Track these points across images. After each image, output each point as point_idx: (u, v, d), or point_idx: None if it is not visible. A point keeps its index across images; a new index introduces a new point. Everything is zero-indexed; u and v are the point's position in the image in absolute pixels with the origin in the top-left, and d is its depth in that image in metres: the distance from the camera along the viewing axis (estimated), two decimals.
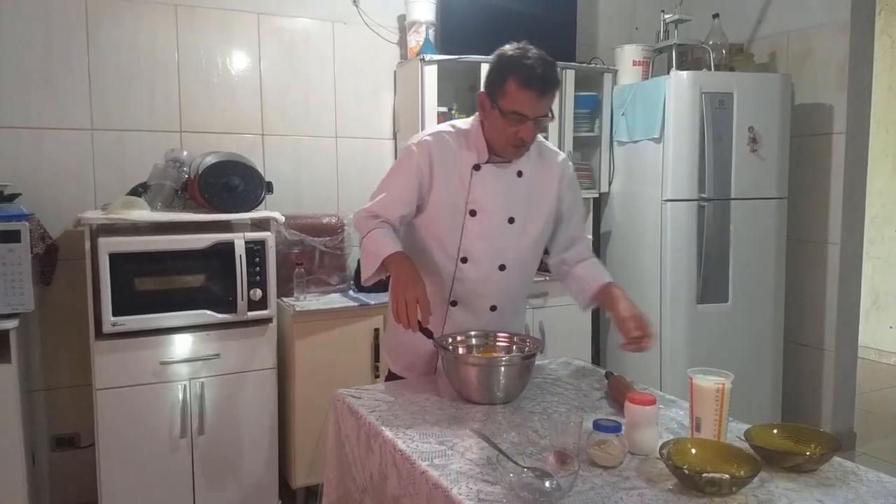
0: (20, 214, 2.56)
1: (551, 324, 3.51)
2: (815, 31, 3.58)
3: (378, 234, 1.86)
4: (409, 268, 1.78)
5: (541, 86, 1.75)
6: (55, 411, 3.02)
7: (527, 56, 1.76)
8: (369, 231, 1.86)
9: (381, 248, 1.82)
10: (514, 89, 1.75)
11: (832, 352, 3.61)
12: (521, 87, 1.74)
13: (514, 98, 1.76)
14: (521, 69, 1.75)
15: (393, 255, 1.80)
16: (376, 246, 1.83)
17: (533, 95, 1.75)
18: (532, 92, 1.74)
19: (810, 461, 1.35)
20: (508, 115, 1.77)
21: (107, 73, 3.01)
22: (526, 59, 1.75)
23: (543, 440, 1.48)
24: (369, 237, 1.86)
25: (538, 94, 1.75)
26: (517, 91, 1.75)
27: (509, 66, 1.77)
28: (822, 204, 3.61)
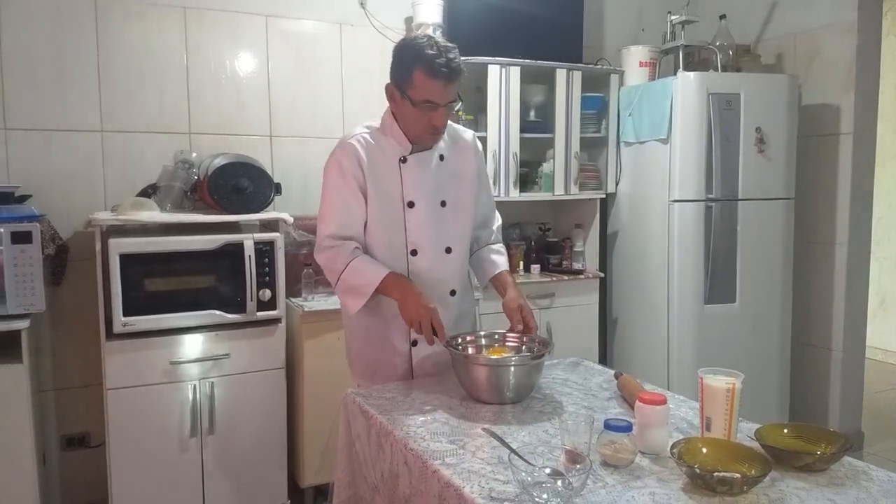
0: (31, 216, 2.58)
1: (558, 324, 3.52)
2: (821, 32, 3.58)
3: (358, 263, 1.87)
4: (413, 289, 1.84)
5: (447, 73, 1.79)
6: (66, 411, 3.03)
7: (429, 45, 1.80)
8: (347, 264, 1.86)
9: (371, 277, 1.85)
10: (421, 79, 1.80)
11: (839, 352, 3.61)
12: (427, 76, 1.79)
13: (422, 88, 1.81)
14: (425, 59, 1.79)
15: (387, 278, 1.84)
16: (364, 276, 1.86)
17: (440, 84, 1.80)
18: (439, 80, 1.80)
19: (821, 460, 1.36)
20: (420, 105, 1.82)
21: (116, 75, 3.03)
22: (429, 49, 1.79)
23: (554, 439, 1.49)
24: (350, 269, 1.86)
25: (445, 82, 1.80)
26: (424, 81, 1.80)
27: (414, 56, 1.81)
28: (829, 204, 3.61)
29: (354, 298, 1.89)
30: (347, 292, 1.90)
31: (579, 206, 3.82)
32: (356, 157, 1.90)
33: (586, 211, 3.81)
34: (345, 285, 1.88)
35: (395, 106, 1.90)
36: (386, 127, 1.95)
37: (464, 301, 2.09)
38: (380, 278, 1.84)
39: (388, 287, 1.84)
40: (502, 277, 2.06)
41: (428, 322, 1.80)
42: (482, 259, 2.13)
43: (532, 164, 3.63)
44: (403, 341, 2.00)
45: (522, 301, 1.95)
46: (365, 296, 1.86)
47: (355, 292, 1.87)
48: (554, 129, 3.54)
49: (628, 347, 3.81)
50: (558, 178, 3.57)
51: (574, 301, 3.60)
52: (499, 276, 2.07)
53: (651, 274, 3.57)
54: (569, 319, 3.56)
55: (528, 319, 1.91)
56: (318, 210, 1.90)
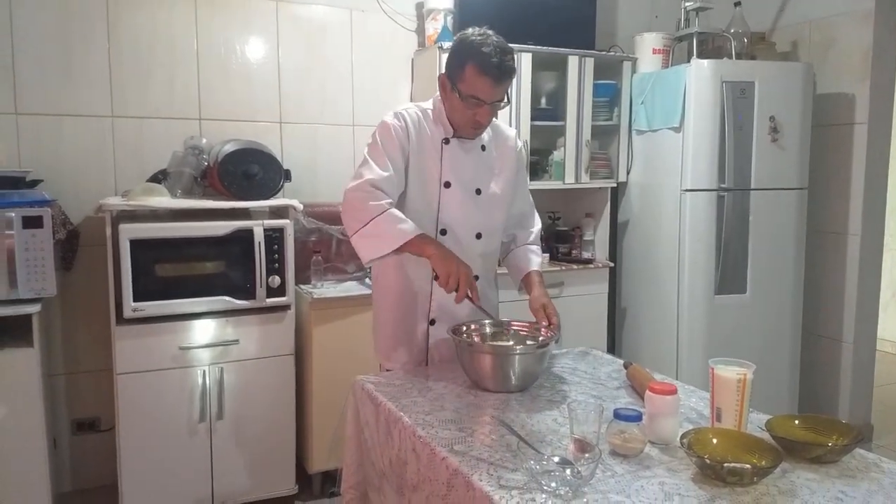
0: (42, 200, 2.59)
1: (567, 314, 3.47)
2: (837, 20, 3.53)
3: (398, 214, 1.82)
4: (448, 249, 1.83)
5: (497, 73, 1.82)
6: (76, 395, 3.06)
7: (486, 43, 1.82)
8: (385, 210, 1.81)
9: (409, 228, 1.80)
10: (472, 75, 1.82)
11: (850, 344, 3.58)
12: (478, 73, 1.82)
13: (472, 83, 1.83)
14: (479, 56, 1.81)
15: (422, 235, 1.81)
16: (396, 227, 1.80)
17: (490, 82, 1.82)
18: (489, 79, 1.82)
19: (832, 452, 1.35)
20: (467, 99, 1.85)
21: (127, 60, 3.03)
22: (485, 47, 1.81)
23: (563, 428, 1.49)
24: (388, 216, 1.80)
25: (494, 82, 1.83)
26: (475, 77, 1.82)
27: (469, 51, 1.83)
28: (842, 195, 3.57)
29: (379, 246, 1.81)
30: (374, 237, 1.81)
31: (590, 194, 3.80)
32: (406, 126, 1.93)
33: (597, 200, 3.79)
34: (376, 229, 1.80)
35: (445, 95, 1.93)
36: (435, 110, 1.98)
37: (486, 291, 2.09)
38: (417, 232, 1.80)
39: (424, 243, 1.80)
40: (531, 276, 2.06)
41: (465, 278, 1.77)
42: (518, 257, 2.14)
43: (543, 152, 3.61)
44: (423, 320, 2.01)
45: (546, 300, 1.95)
46: (392, 245, 1.79)
47: (385, 238, 1.80)
48: (565, 116, 3.52)
49: (638, 337, 3.79)
50: (569, 166, 3.55)
51: (583, 290, 3.59)
52: (529, 274, 2.07)
53: (662, 264, 3.55)
54: (578, 309, 3.55)
55: (552, 316, 1.90)
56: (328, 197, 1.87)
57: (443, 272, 1.77)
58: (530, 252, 2.15)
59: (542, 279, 2.06)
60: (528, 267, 2.09)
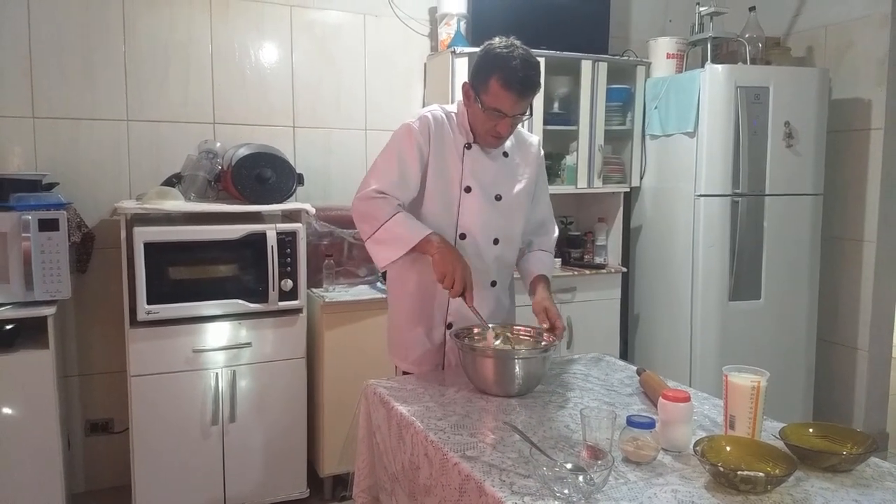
0: (58, 203, 2.61)
1: (580, 319, 3.50)
2: (854, 25, 3.50)
3: (405, 217, 1.87)
4: (452, 248, 1.86)
5: (520, 89, 1.82)
6: (90, 397, 3.08)
7: (512, 56, 1.81)
8: (393, 215, 1.85)
9: (415, 231, 1.85)
10: (496, 88, 1.82)
11: (865, 351, 3.55)
12: (502, 87, 1.81)
13: (495, 96, 1.83)
14: (504, 70, 1.81)
15: (430, 235, 1.84)
16: (407, 229, 1.85)
17: (513, 97, 1.82)
18: (513, 93, 1.82)
19: (847, 461, 1.34)
20: (489, 111, 1.85)
21: (143, 65, 3.05)
22: (511, 61, 1.81)
23: (575, 435, 1.48)
24: (396, 220, 1.85)
25: (518, 97, 1.83)
26: (499, 90, 1.82)
27: (495, 64, 1.82)
28: (858, 201, 3.54)
29: (392, 249, 1.86)
30: (386, 242, 1.86)
31: (603, 199, 3.79)
32: (428, 131, 1.93)
33: (610, 205, 3.78)
34: (386, 234, 1.85)
35: (467, 103, 1.93)
36: (459, 114, 1.98)
37: (502, 296, 2.10)
38: (426, 233, 1.84)
39: (429, 243, 1.83)
40: (537, 280, 2.06)
41: (461, 276, 1.79)
42: (529, 261, 2.14)
43: (555, 156, 3.60)
44: (440, 323, 2.01)
45: (549, 303, 1.95)
46: (404, 248, 1.84)
47: (395, 242, 1.85)
48: (578, 121, 3.51)
49: (650, 344, 3.77)
50: (581, 171, 3.54)
51: (595, 296, 3.57)
52: (536, 278, 2.07)
53: (675, 269, 3.53)
54: (590, 314, 3.54)
55: (555, 320, 1.90)
56: (340, 201, 1.88)
57: (439, 272, 1.82)
58: (542, 257, 2.15)
59: (548, 283, 2.05)
60: (536, 270, 2.09)
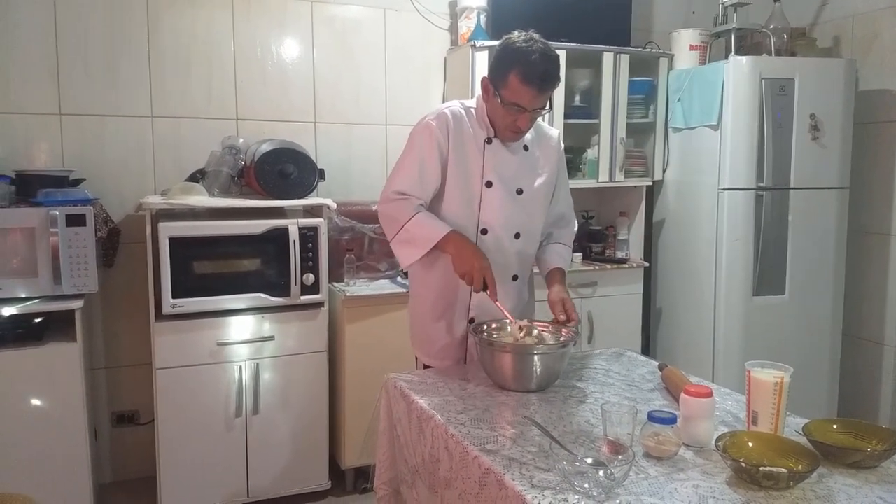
0: (85, 199, 2.66)
1: (600, 314, 3.49)
2: (881, 15, 3.44)
3: (424, 217, 1.90)
4: (472, 244, 1.88)
5: (540, 84, 1.81)
6: (116, 389, 3.13)
7: (531, 51, 1.80)
8: (413, 215, 1.89)
9: (434, 230, 1.87)
10: (515, 83, 1.81)
11: (892, 347, 3.50)
12: (522, 81, 1.80)
13: (514, 90, 1.82)
14: (524, 64, 1.80)
15: (451, 233, 1.86)
16: (426, 229, 1.88)
17: (533, 91, 1.81)
18: (532, 88, 1.81)
19: (871, 457, 1.32)
20: (508, 105, 1.84)
21: (166, 61, 3.09)
22: (531, 55, 1.80)
23: (596, 429, 1.48)
24: (415, 221, 1.89)
25: (537, 91, 1.82)
26: (518, 85, 1.81)
27: (514, 58, 1.82)
28: (885, 194, 3.48)
29: (413, 249, 1.90)
30: (408, 242, 1.91)
31: (624, 193, 3.76)
32: (446, 127, 1.93)
33: (632, 198, 3.75)
34: (407, 235, 1.90)
35: (487, 98, 1.93)
36: (478, 109, 1.99)
37: (523, 290, 2.10)
38: (445, 232, 1.86)
39: (449, 242, 1.86)
40: (554, 273, 2.06)
41: (480, 274, 1.82)
42: (547, 253, 2.14)
43: (576, 150, 3.59)
44: (462, 318, 2.02)
45: (565, 295, 1.96)
46: (425, 248, 1.88)
47: (416, 243, 1.89)
48: (600, 114, 3.49)
49: (673, 339, 3.75)
50: (603, 164, 3.52)
51: (617, 291, 3.56)
52: (552, 271, 2.07)
53: (698, 264, 3.50)
54: (611, 309, 3.52)
55: (570, 312, 1.91)
56: (361, 196, 1.88)
57: (459, 270, 1.85)
58: (560, 250, 2.14)
59: (564, 276, 2.05)
60: (553, 263, 2.09)
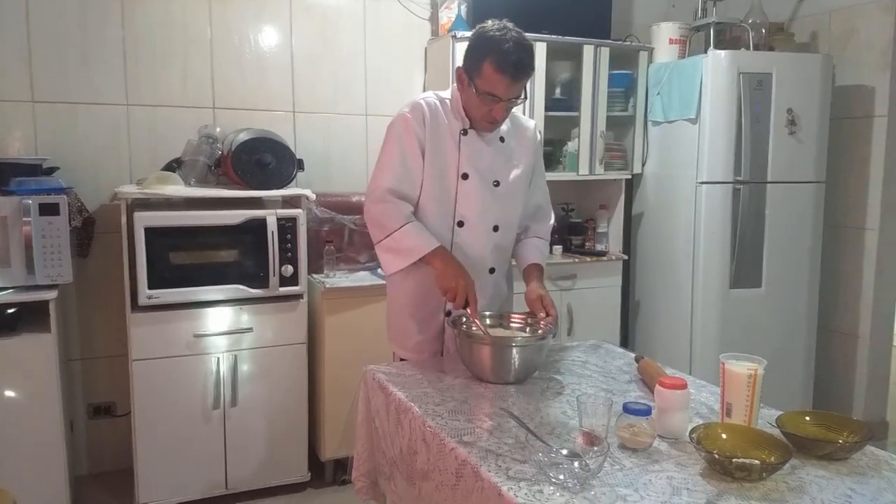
0: (59, 188, 2.61)
1: (580, 306, 3.50)
2: (858, 11, 3.47)
3: (413, 228, 1.90)
4: (457, 262, 1.88)
5: (514, 72, 1.81)
6: (92, 380, 3.09)
7: (505, 39, 1.80)
8: (403, 225, 1.89)
9: (422, 243, 1.88)
10: (489, 71, 1.81)
11: (866, 339, 3.55)
12: (496, 70, 1.80)
13: (488, 80, 1.82)
14: (497, 53, 1.80)
15: (438, 248, 1.87)
16: (415, 240, 1.88)
17: (507, 80, 1.81)
18: (506, 76, 1.81)
19: (842, 449, 1.34)
20: (483, 95, 1.84)
21: (141, 49, 3.04)
22: (504, 44, 1.80)
23: (572, 421, 1.49)
24: (404, 231, 1.89)
25: (511, 80, 1.81)
26: (492, 74, 1.81)
27: (487, 47, 1.82)
28: (860, 189, 3.53)
29: (398, 258, 1.92)
30: (394, 251, 1.92)
31: (604, 186, 3.78)
32: (422, 118, 1.93)
33: (611, 191, 3.77)
34: (394, 244, 1.90)
35: (461, 88, 1.92)
36: (453, 100, 1.98)
37: (500, 282, 2.11)
38: (431, 247, 1.87)
39: (434, 256, 1.87)
40: (531, 269, 2.07)
41: (463, 292, 1.82)
42: (526, 247, 2.14)
43: (556, 142, 3.59)
44: (439, 311, 2.02)
45: (543, 292, 1.96)
46: (410, 259, 1.89)
47: (402, 253, 1.90)
48: (580, 107, 3.50)
49: (650, 331, 3.78)
50: (583, 157, 3.53)
51: (596, 283, 3.58)
52: (529, 266, 2.08)
53: (676, 257, 3.53)
54: (590, 301, 3.54)
55: (549, 308, 1.91)
56: (340, 186, 1.87)
57: (443, 286, 1.86)
58: (538, 244, 2.14)
59: (541, 273, 2.06)
60: (531, 258, 2.09)
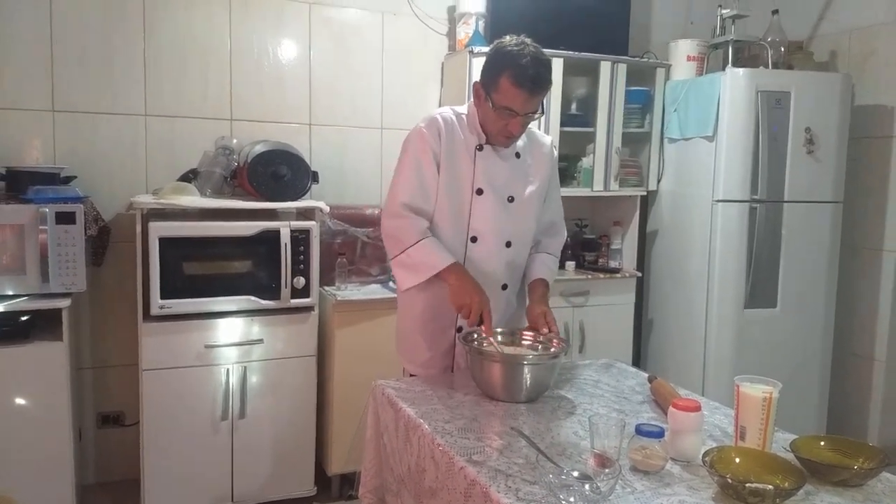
0: (76, 197, 2.63)
1: (592, 323, 3.48)
2: (878, 30, 3.45)
3: (429, 243, 1.90)
4: (472, 279, 1.87)
5: (531, 86, 1.81)
6: (102, 389, 3.10)
7: (522, 54, 1.81)
8: (419, 241, 1.89)
9: (438, 259, 1.88)
10: (506, 86, 1.81)
11: (883, 362, 3.49)
12: (513, 85, 1.81)
13: (505, 94, 1.82)
14: (515, 67, 1.80)
15: (453, 264, 1.87)
16: (431, 257, 1.88)
17: (524, 94, 1.81)
18: (523, 91, 1.81)
19: (857, 476, 1.31)
20: (500, 110, 1.84)
21: (161, 60, 3.07)
22: (521, 59, 1.80)
23: (584, 442, 1.47)
24: (419, 248, 1.89)
25: (529, 94, 1.82)
26: (509, 88, 1.81)
27: (505, 62, 1.82)
28: (879, 209, 3.49)
29: (413, 274, 1.92)
30: (409, 267, 1.92)
31: (619, 202, 3.76)
32: (438, 133, 1.93)
33: (626, 208, 3.74)
34: (409, 259, 1.91)
35: (478, 103, 1.93)
36: (470, 115, 1.98)
37: (513, 298, 2.09)
38: (447, 263, 1.87)
39: (449, 273, 1.87)
40: (536, 284, 2.05)
41: (478, 308, 1.82)
42: (535, 261, 2.12)
43: (571, 158, 3.58)
44: (450, 327, 2.01)
45: (546, 308, 1.95)
46: (425, 275, 1.89)
47: (417, 269, 1.91)
48: (595, 122, 3.48)
49: (663, 350, 3.74)
50: (598, 173, 3.52)
51: (609, 300, 3.55)
52: (535, 281, 2.06)
53: (691, 275, 3.49)
54: (603, 319, 3.51)
55: (552, 324, 1.90)
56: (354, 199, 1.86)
57: (457, 303, 1.86)
58: (547, 259, 2.13)
59: (547, 288, 2.04)
60: (538, 273, 2.07)
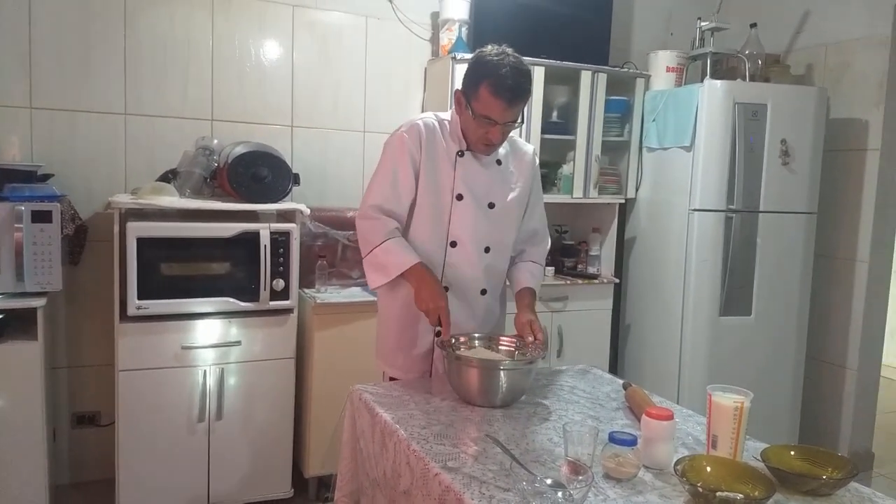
0: (52, 195, 2.61)
1: (570, 328, 3.50)
2: (854, 45, 3.52)
3: (393, 244, 1.93)
4: (433, 281, 1.90)
5: (510, 97, 1.83)
6: (77, 389, 3.07)
7: (502, 64, 1.83)
8: (384, 241, 1.92)
9: (401, 260, 1.91)
10: (485, 95, 1.84)
11: (854, 370, 3.56)
12: (492, 94, 1.83)
13: (485, 103, 1.84)
14: (494, 77, 1.82)
15: (415, 266, 1.89)
16: (395, 257, 1.91)
17: (502, 104, 1.84)
18: (502, 100, 1.83)
19: (826, 486, 1.34)
20: (479, 118, 1.87)
21: (142, 58, 3.05)
22: (501, 68, 1.82)
23: (558, 448, 1.48)
24: (385, 248, 1.92)
25: (507, 104, 1.84)
26: (488, 97, 1.84)
27: (485, 71, 1.85)
28: (851, 220, 3.56)
29: (379, 274, 1.95)
30: (375, 266, 1.96)
31: (598, 210, 3.79)
32: (419, 138, 1.95)
33: (604, 215, 3.78)
34: (375, 260, 1.94)
35: (459, 111, 1.95)
36: (452, 122, 2.00)
37: (492, 304, 2.11)
38: (409, 264, 1.90)
39: (412, 274, 1.90)
40: (523, 293, 2.07)
41: (436, 313, 1.86)
42: (520, 270, 2.15)
43: (551, 165, 3.61)
44: (428, 331, 2.02)
45: (533, 317, 1.97)
46: (391, 275, 1.92)
47: (382, 269, 1.94)
48: (576, 131, 3.52)
49: (640, 355, 3.78)
50: (578, 180, 3.55)
51: (587, 306, 3.58)
52: (522, 290, 2.08)
53: (667, 282, 3.54)
54: (581, 324, 3.55)
55: (538, 333, 1.92)
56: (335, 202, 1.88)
57: (418, 305, 1.89)
58: (532, 268, 2.15)
59: (534, 297, 2.07)
60: (525, 282, 2.10)
